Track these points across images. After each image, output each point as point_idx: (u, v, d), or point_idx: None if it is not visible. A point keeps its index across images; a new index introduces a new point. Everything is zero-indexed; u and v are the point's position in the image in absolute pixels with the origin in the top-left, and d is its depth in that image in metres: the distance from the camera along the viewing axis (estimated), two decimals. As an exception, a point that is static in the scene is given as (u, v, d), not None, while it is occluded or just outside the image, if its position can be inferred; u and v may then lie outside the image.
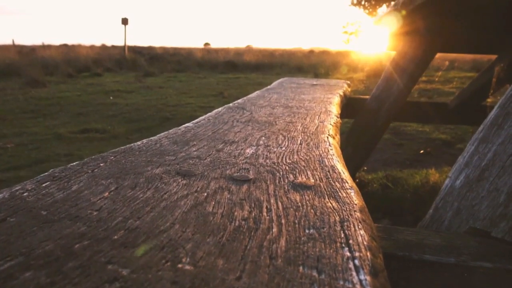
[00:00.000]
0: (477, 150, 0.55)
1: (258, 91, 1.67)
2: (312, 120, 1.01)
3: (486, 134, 0.54)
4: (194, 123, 0.93)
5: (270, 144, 0.72)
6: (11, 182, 2.24)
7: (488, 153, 0.51)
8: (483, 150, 0.53)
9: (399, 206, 1.85)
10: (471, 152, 0.57)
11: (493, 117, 0.55)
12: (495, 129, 0.53)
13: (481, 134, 0.56)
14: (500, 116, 0.53)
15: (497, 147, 0.50)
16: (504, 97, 0.56)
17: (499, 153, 0.49)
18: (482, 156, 0.52)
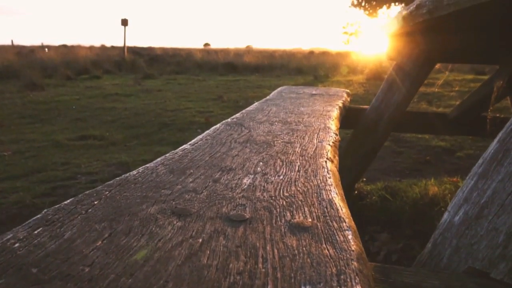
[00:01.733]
0: (476, 186, 0.54)
1: (257, 103, 1.66)
2: (310, 140, 1.00)
3: (485, 169, 0.54)
4: (192, 144, 0.92)
5: (268, 172, 0.71)
6: (8, 193, 2.23)
7: (487, 190, 0.51)
8: (482, 186, 0.52)
9: (398, 219, 1.85)
10: (470, 187, 0.57)
11: (492, 151, 0.54)
12: (494, 165, 0.52)
13: (480, 169, 0.55)
14: (500, 151, 0.52)
15: (496, 184, 0.49)
16: (504, 132, 0.55)
17: (498, 191, 0.48)
18: (481, 192, 0.52)
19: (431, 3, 0.84)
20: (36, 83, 7.05)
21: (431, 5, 0.85)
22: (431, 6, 0.85)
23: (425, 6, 0.88)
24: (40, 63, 10.77)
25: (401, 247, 1.73)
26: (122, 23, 12.69)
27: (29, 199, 2.15)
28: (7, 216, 1.97)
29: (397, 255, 1.73)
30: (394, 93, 1.85)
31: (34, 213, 2.01)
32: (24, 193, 2.24)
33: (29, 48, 21.89)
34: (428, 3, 0.87)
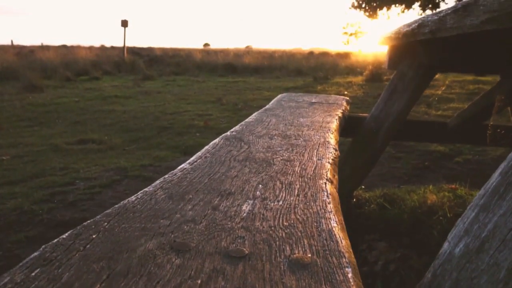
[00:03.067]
0: (477, 218, 0.54)
1: (257, 113, 1.66)
2: (310, 157, 1.00)
3: (487, 201, 0.53)
4: (191, 164, 0.91)
5: (267, 196, 0.71)
6: (6, 199, 2.23)
7: (488, 224, 0.50)
8: (483, 219, 0.52)
9: (396, 227, 1.85)
10: (471, 219, 0.56)
11: (494, 184, 0.54)
12: (496, 198, 0.52)
13: (482, 201, 0.55)
14: (502, 185, 0.52)
15: (498, 219, 0.49)
16: (506, 164, 0.55)
17: (499, 226, 0.48)
18: (483, 226, 0.51)
19: (434, 24, 0.84)
20: (36, 84, 7.04)
21: (434, 26, 0.84)
22: (434, 27, 0.85)
23: (427, 26, 0.88)
24: (40, 64, 10.75)
25: (399, 257, 1.73)
26: (122, 24, 12.68)
27: (28, 205, 2.14)
28: (5, 223, 1.97)
29: (395, 264, 1.73)
30: (394, 103, 1.85)
31: (32, 219, 2.01)
32: (22, 199, 2.24)
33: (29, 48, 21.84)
34: (430, 23, 0.86)
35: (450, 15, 0.75)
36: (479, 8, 0.62)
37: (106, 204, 2.17)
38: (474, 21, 0.65)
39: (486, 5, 0.60)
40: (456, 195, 2.05)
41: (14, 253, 1.69)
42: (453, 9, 0.73)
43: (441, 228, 1.73)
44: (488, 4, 0.59)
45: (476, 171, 2.78)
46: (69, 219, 1.98)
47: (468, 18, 0.67)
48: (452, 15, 0.74)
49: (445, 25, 0.78)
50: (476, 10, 0.64)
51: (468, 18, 0.67)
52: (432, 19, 0.85)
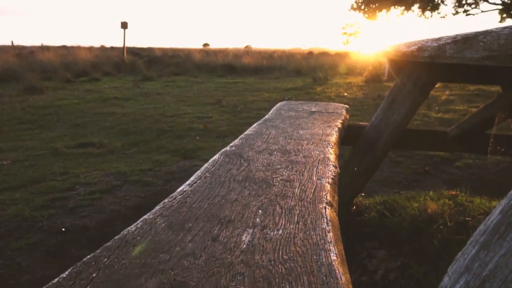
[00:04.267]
0: (478, 256, 0.54)
1: (256, 125, 1.66)
2: (310, 177, 1.00)
3: (487, 239, 0.53)
4: (190, 185, 0.91)
5: (267, 224, 0.71)
6: (7, 205, 2.23)
7: (489, 263, 0.50)
8: (484, 258, 0.52)
9: (397, 235, 1.85)
10: (472, 255, 0.56)
11: (495, 222, 0.54)
12: (496, 237, 0.52)
13: (482, 238, 0.55)
14: (503, 224, 0.52)
15: (499, 259, 0.49)
16: (507, 203, 0.55)
17: (500, 266, 0.48)
18: (483, 264, 0.51)
19: (434, 51, 0.84)
20: (36, 86, 7.03)
21: (433, 52, 0.84)
22: (433, 53, 0.84)
23: (427, 50, 0.88)
24: (40, 65, 10.75)
25: (399, 265, 1.74)
26: (121, 26, 12.66)
27: (28, 212, 2.15)
28: (6, 230, 1.97)
29: (395, 273, 1.73)
30: (394, 113, 1.85)
31: (32, 226, 2.02)
32: (23, 205, 2.24)
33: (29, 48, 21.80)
34: (430, 49, 0.86)
35: (449, 45, 0.75)
36: (479, 44, 0.62)
37: (106, 210, 2.18)
38: (474, 55, 0.65)
39: (486, 42, 0.60)
40: (456, 203, 2.05)
41: (15, 261, 1.70)
42: (453, 40, 0.73)
43: (441, 237, 1.74)
44: (488, 42, 0.59)
45: (476, 175, 2.78)
46: (69, 226, 1.99)
47: (468, 51, 0.67)
48: (452, 45, 0.74)
49: (445, 53, 0.78)
50: (476, 45, 0.64)
51: (468, 51, 0.67)
52: (432, 45, 0.85)
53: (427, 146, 2.03)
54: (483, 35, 0.62)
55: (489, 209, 1.91)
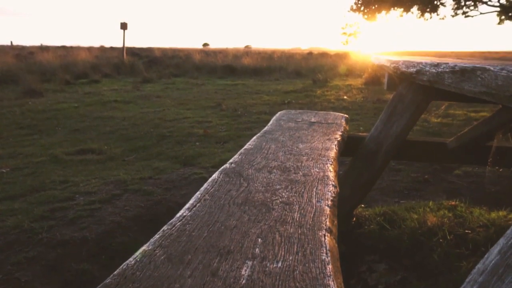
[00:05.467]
0: (477, 296, 0.54)
1: (256, 138, 1.65)
2: (309, 199, 1.00)
3: (485, 280, 0.53)
4: (190, 209, 0.91)
5: (266, 255, 0.71)
6: (6, 216, 2.23)
7: (488, 305, 0.50)
8: (482, 299, 0.52)
9: (397, 248, 1.85)
10: (470, 294, 0.56)
11: (493, 262, 0.54)
12: (495, 279, 0.52)
13: (480, 278, 0.55)
14: (501, 266, 0.52)
15: (497, 301, 0.49)
16: (505, 243, 0.55)
17: (499, 309, 0.48)
18: (482, 305, 0.52)
19: (432, 76, 0.84)
20: (35, 89, 7.03)
21: (432, 78, 0.84)
22: (432, 79, 0.84)
23: (425, 75, 0.88)
24: (39, 66, 10.75)
25: (399, 280, 1.74)
26: (121, 27, 12.66)
27: (27, 223, 2.14)
28: (5, 243, 1.96)
29: None
30: (393, 124, 1.85)
31: (32, 239, 2.01)
32: (22, 215, 2.24)
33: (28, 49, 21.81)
34: (428, 74, 0.86)
35: (448, 74, 0.75)
36: (477, 78, 0.62)
37: (106, 221, 2.17)
38: (472, 88, 0.65)
39: (484, 79, 0.60)
40: (455, 214, 2.05)
41: (14, 276, 1.70)
42: (451, 69, 0.73)
43: (441, 251, 1.74)
44: (486, 80, 0.59)
45: (476, 184, 2.78)
46: (69, 239, 1.98)
47: (466, 83, 0.67)
48: (450, 74, 0.74)
49: (443, 81, 0.78)
50: (474, 79, 0.63)
51: (466, 83, 0.67)
52: (430, 71, 0.85)
53: (426, 157, 2.03)
54: (481, 71, 0.61)
55: (488, 221, 1.91)
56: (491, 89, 0.58)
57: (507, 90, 0.53)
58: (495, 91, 0.57)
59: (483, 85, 0.60)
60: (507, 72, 0.52)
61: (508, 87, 0.52)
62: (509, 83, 0.52)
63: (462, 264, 1.59)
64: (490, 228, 1.84)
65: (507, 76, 0.52)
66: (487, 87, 0.59)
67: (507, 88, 0.52)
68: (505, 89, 0.53)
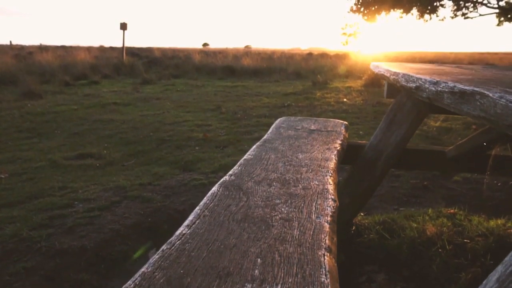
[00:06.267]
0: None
1: (256, 148, 1.65)
2: (309, 215, 0.99)
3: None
4: (189, 226, 0.91)
5: (265, 278, 0.71)
6: (4, 223, 2.22)
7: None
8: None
9: (396, 258, 1.85)
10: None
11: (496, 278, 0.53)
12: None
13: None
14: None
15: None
16: (503, 271, 0.54)
17: None
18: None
19: (432, 94, 0.84)
20: (34, 91, 7.02)
21: (431, 96, 0.84)
22: (431, 97, 0.84)
23: (425, 91, 0.88)
24: (39, 67, 10.74)
25: (398, 290, 1.74)
26: (121, 27, 12.65)
27: (26, 231, 2.14)
28: (3, 252, 1.96)
29: (394, 298, 1.73)
30: (393, 133, 1.85)
31: (30, 248, 2.01)
32: (21, 223, 2.23)
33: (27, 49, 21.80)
34: (428, 91, 0.86)
35: (447, 94, 0.75)
36: (476, 103, 0.62)
37: (105, 229, 2.17)
38: (472, 111, 0.64)
39: (483, 104, 0.60)
40: (454, 223, 2.05)
41: (13, 287, 1.69)
42: (450, 90, 0.73)
43: (440, 261, 1.74)
44: (485, 106, 0.59)
45: (475, 190, 2.78)
46: (68, 248, 1.98)
47: (465, 106, 0.67)
48: (449, 95, 0.74)
49: (442, 100, 0.78)
50: (473, 102, 0.63)
51: (465, 105, 0.67)
52: (429, 89, 0.85)
53: (426, 166, 2.03)
54: (480, 96, 0.61)
55: (487, 230, 1.91)
56: (490, 116, 0.57)
57: (505, 119, 0.52)
58: (494, 118, 0.57)
59: (482, 110, 0.60)
60: (505, 102, 0.52)
61: (507, 116, 0.52)
62: (508, 112, 0.51)
63: (461, 275, 1.59)
64: (489, 238, 1.84)
65: (506, 105, 0.52)
66: (486, 112, 0.59)
67: (506, 117, 0.52)
68: (504, 118, 0.53)
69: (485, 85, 0.68)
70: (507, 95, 0.54)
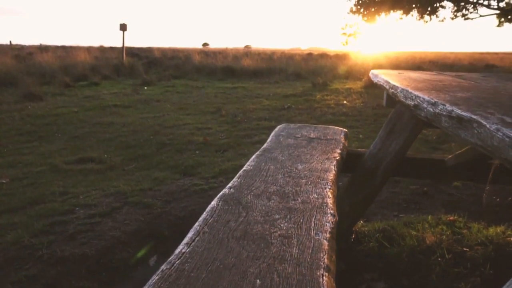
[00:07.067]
0: None
1: (255, 157, 1.66)
2: (308, 232, 1.00)
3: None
4: (188, 245, 0.92)
5: (265, 300, 0.71)
6: (5, 230, 2.23)
7: None
8: None
9: (396, 267, 1.85)
10: None
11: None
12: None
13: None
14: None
15: None
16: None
17: None
18: None
19: (430, 115, 0.84)
20: (35, 92, 7.03)
21: (430, 116, 0.85)
22: (430, 117, 0.85)
23: (423, 111, 0.88)
24: (39, 68, 10.75)
25: (397, 299, 1.74)
26: (120, 28, 12.65)
27: (27, 238, 2.15)
28: (5, 259, 1.97)
29: (394, 307, 1.74)
30: (392, 142, 1.85)
31: (32, 255, 2.02)
32: (22, 230, 2.24)
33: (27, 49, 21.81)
34: (426, 111, 0.86)
35: (445, 117, 0.75)
36: (473, 130, 0.63)
37: (106, 236, 2.18)
38: (469, 138, 0.65)
39: (480, 134, 0.60)
40: (454, 231, 2.06)
41: (14, 295, 1.70)
42: (448, 114, 0.73)
43: (439, 270, 1.74)
44: (482, 135, 0.59)
45: (474, 196, 2.79)
46: (69, 255, 1.99)
47: (463, 132, 0.67)
48: (446, 119, 0.74)
49: (440, 123, 0.78)
50: (470, 130, 0.64)
51: (463, 131, 0.67)
52: (428, 110, 0.85)
53: (425, 174, 2.04)
54: (477, 125, 0.61)
55: (487, 239, 1.91)
56: (487, 146, 0.58)
57: (502, 153, 0.53)
58: (490, 148, 0.57)
59: (479, 139, 0.61)
60: (502, 135, 0.53)
61: (503, 150, 0.52)
62: (504, 147, 0.52)
63: (461, 285, 1.60)
64: (488, 247, 1.85)
65: (502, 139, 0.52)
66: (483, 142, 0.59)
67: (502, 151, 0.53)
68: (501, 152, 0.53)
69: (483, 108, 0.69)
70: (504, 128, 0.54)
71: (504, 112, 0.67)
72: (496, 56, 29.74)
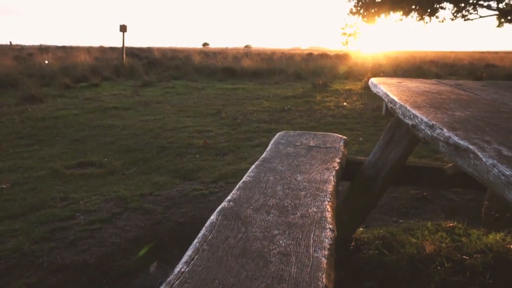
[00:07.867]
0: None
1: (255, 168, 1.66)
2: (307, 249, 1.01)
3: None
4: (188, 263, 0.92)
5: (263, 324, 0.72)
6: (6, 237, 2.24)
7: None
8: None
9: (395, 275, 1.86)
10: None
11: None
12: None
13: None
14: None
15: None
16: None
17: None
18: None
19: (427, 137, 0.85)
20: (35, 95, 7.04)
21: (427, 138, 0.85)
22: (427, 139, 0.85)
23: (421, 132, 0.89)
24: (39, 69, 10.75)
25: (397, 308, 1.75)
26: (120, 29, 12.65)
27: (28, 245, 2.15)
28: (6, 267, 1.97)
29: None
30: (391, 151, 1.86)
31: (32, 262, 2.02)
32: (22, 237, 2.25)
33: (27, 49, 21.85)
34: (424, 132, 0.87)
35: (442, 142, 0.76)
36: (470, 161, 0.63)
37: (106, 243, 2.19)
38: (466, 167, 0.65)
39: (476, 166, 0.60)
40: (453, 238, 2.07)
41: (15, 304, 1.71)
42: (445, 140, 0.74)
43: (439, 279, 1.75)
44: (478, 167, 0.60)
45: (474, 201, 2.79)
46: (70, 262, 2.00)
47: (459, 159, 0.68)
48: (444, 144, 0.75)
49: (438, 146, 0.79)
50: (467, 159, 0.64)
51: (460, 159, 0.68)
52: (425, 131, 0.86)
53: (424, 182, 2.05)
54: (474, 155, 0.62)
55: (486, 246, 1.92)
56: (483, 179, 0.58)
57: (497, 189, 0.53)
58: (487, 182, 0.58)
59: (476, 171, 0.61)
60: (498, 173, 0.53)
61: (499, 187, 0.52)
62: (499, 184, 0.52)
63: (459, 295, 1.61)
64: (488, 254, 1.86)
65: (498, 176, 0.52)
66: (480, 174, 0.60)
67: (498, 188, 0.53)
68: (496, 188, 0.54)
69: (481, 134, 0.69)
70: (499, 165, 0.54)
71: (501, 140, 0.67)
72: (496, 55, 29.70)
